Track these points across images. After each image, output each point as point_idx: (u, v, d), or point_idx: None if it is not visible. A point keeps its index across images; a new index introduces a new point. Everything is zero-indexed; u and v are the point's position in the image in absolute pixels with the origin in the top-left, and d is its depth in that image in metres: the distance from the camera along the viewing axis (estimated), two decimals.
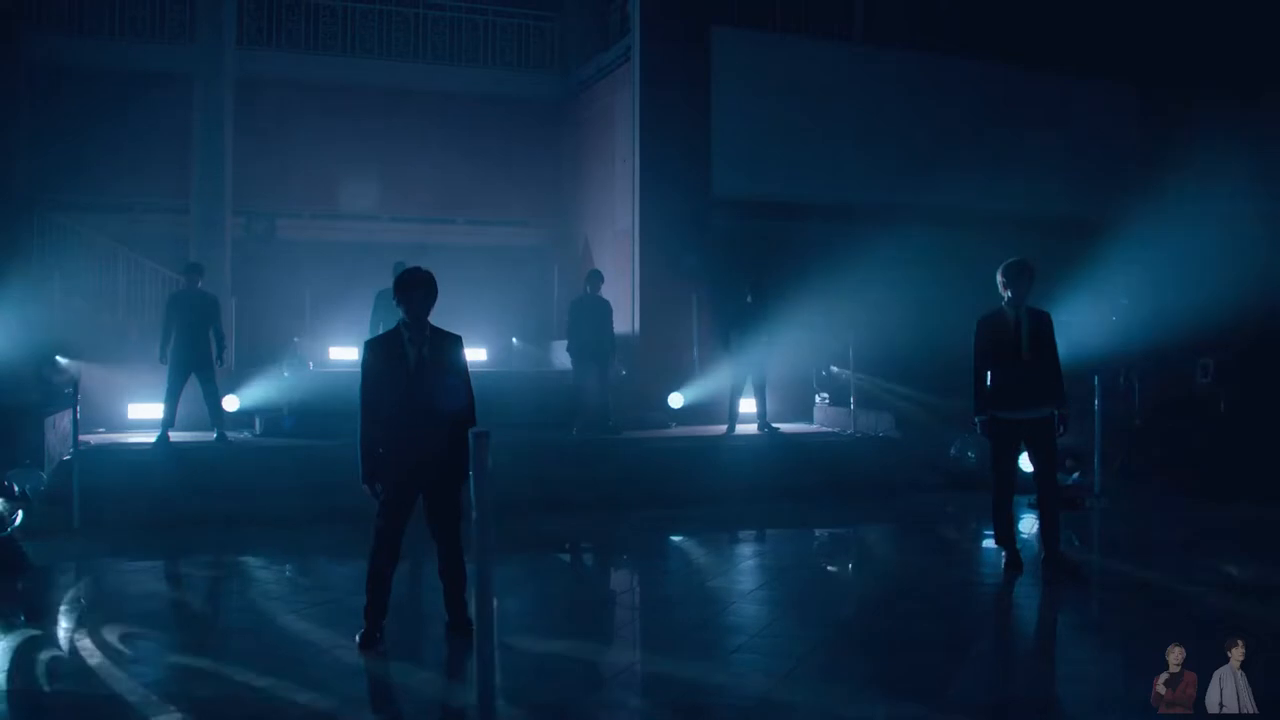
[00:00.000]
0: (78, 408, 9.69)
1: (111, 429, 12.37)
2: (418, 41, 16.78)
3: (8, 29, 14.00)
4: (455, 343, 6.09)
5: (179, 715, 4.69)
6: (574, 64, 17.27)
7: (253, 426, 12.27)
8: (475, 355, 16.30)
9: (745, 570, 8.24)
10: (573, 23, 17.31)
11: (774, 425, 13.00)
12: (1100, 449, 10.41)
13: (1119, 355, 13.11)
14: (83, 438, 11.21)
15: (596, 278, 12.84)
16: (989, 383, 7.67)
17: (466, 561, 6.07)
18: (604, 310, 12.76)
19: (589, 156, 16.73)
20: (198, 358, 11.07)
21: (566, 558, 8.96)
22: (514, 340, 16.70)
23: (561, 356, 13.50)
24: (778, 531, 9.76)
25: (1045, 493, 7.66)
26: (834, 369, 13.58)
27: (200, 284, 11.27)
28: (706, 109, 14.84)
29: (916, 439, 12.31)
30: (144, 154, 14.16)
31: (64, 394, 9.97)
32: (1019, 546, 7.72)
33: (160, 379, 11.12)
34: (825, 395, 13.69)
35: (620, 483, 10.81)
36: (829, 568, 8.69)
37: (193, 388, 11.14)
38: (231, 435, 11.48)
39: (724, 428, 12.92)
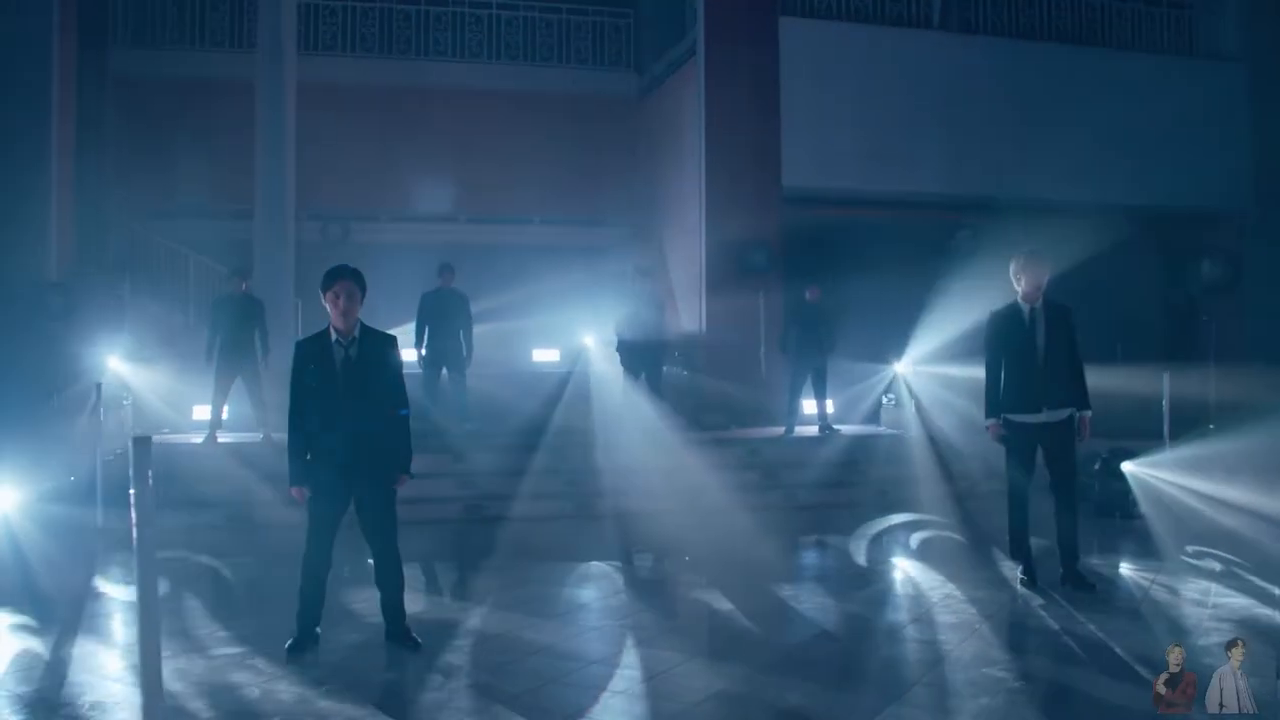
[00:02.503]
0: (97, 410, 9.83)
1: (176, 430, 12.62)
2: (491, 42, 16.77)
3: (99, 44, 14.52)
4: (386, 343, 5.91)
5: None
6: (648, 61, 17.04)
7: None
8: (548, 355, 16.23)
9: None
10: (647, 19, 17.09)
11: (835, 426, 12.53)
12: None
13: None
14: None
15: (645, 274, 12.51)
16: (1002, 382, 7.17)
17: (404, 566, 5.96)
18: (654, 306, 12.43)
19: (662, 153, 16.48)
20: (243, 360, 11.20)
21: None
22: (588, 340, 16.50)
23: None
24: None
25: (1063, 503, 7.11)
26: (900, 369, 12.98)
27: (245, 286, 11.40)
28: (775, 102, 14.47)
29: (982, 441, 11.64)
30: (213, 160, 14.48)
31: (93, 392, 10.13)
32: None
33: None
34: (891, 396, 13.11)
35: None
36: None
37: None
38: (278, 436, 11.54)
39: (782, 429, 12.51)
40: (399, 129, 16.06)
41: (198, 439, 11.24)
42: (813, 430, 12.48)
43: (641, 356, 12.16)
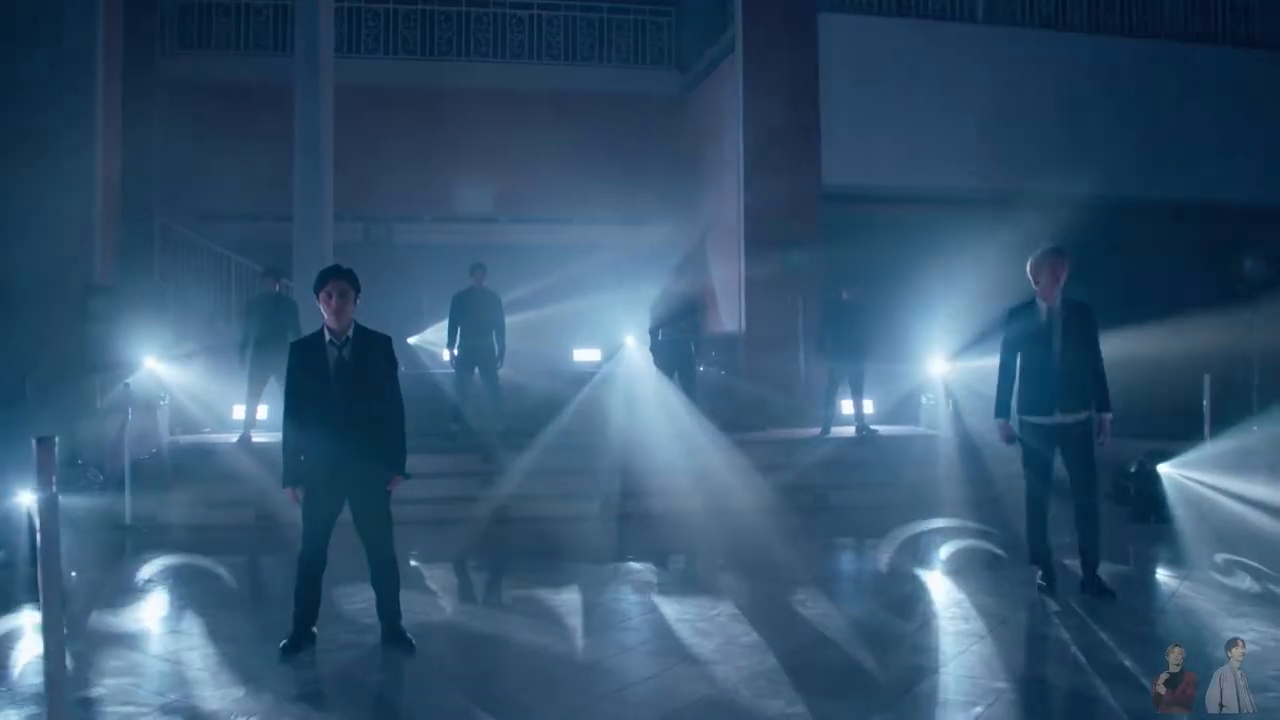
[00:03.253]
0: (125, 412, 9.98)
1: (217, 429, 12.79)
2: (532, 42, 16.79)
3: (147, 50, 14.78)
4: (380, 343, 5.90)
5: None
6: (689, 59, 16.94)
7: None
8: (588, 355, 16.21)
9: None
10: (688, 16, 16.97)
11: (872, 427, 12.35)
12: None
13: None
14: (183, 437, 11.76)
15: (678, 273, 12.47)
16: (1019, 382, 6.98)
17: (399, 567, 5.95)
18: (687, 306, 12.36)
19: (702, 151, 16.38)
20: (276, 360, 11.27)
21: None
22: (628, 340, 16.47)
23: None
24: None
25: (1084, 507, 6.90)
26: (938, 368, 12.74)
27: (279, 287, 11.52)
28: (815, 98, 14.29)
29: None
30: (256, 162, 14.60)
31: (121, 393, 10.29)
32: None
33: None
34: (930, 396, 12.88)
35: None
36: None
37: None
38: None
39: (818, 429, 12.37)
40: (441, 130, 16.12)
41: (234, 438, 11.36)
42: (850, 431, 12.31)
43: (675, 356, 12.12)
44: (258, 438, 11.38)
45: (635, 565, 8.22)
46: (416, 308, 15.34)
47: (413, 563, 8.12)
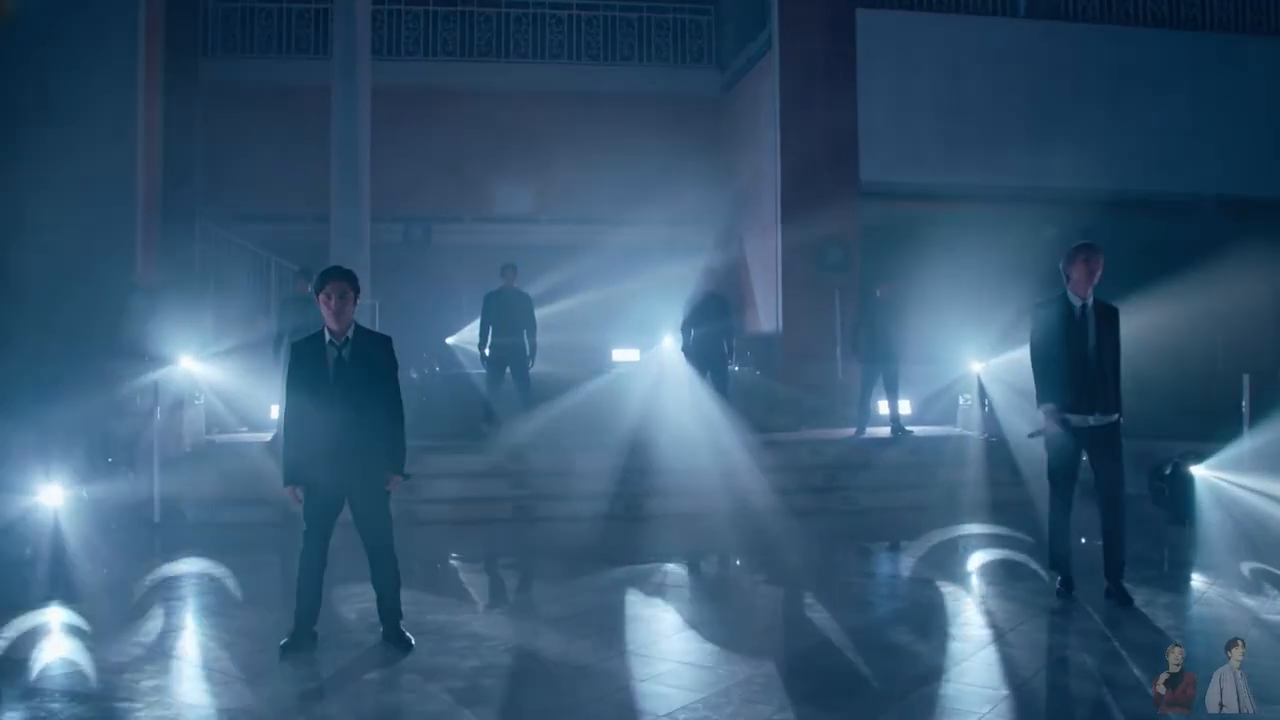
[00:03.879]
0: (154, 409, 10.11)
1: (255, 428, 12.94)
2: (571, 43, 16.79)
3: (190, 55, 15.00)
4: (380, 344, 5.89)
5: None
6: (729, 57, 16.84)
7: None
8: (628, 355, 16.16)
9: None
10: (728, 14, 16.88)
11: (907, 428, 12.19)
12: None
13: None
14: (219, 436, 11.92)
15: (711, 273, 12.44)
16: (1046, 379, 6.79)
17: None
18: (720, 306, 12.31)
19: (741, 150, 16.29)
20: None
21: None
22: (666, 340, 16.42)
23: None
24: None
25: (1110, 511, 6.69)
26: (977, 368, 12.55)
27: (310, 289, 11.59)
28: (852, 95, 14.19)
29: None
30: (296, 164, 14.75)
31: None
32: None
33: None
34: (968, 396, 12.68)
35: None
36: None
37: None
38: None
39: (852, 430, 12.24)
40: (480, 132, 16.18)
41: (269, 437, 11.48)
42: (885, 431, 12.16)
43: (707, 355, 12.09)
44: None
45: (647, 567, 8.13)
46: (455, 307, 15.40)
47: (451, 561, 8.10)
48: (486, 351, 12.06)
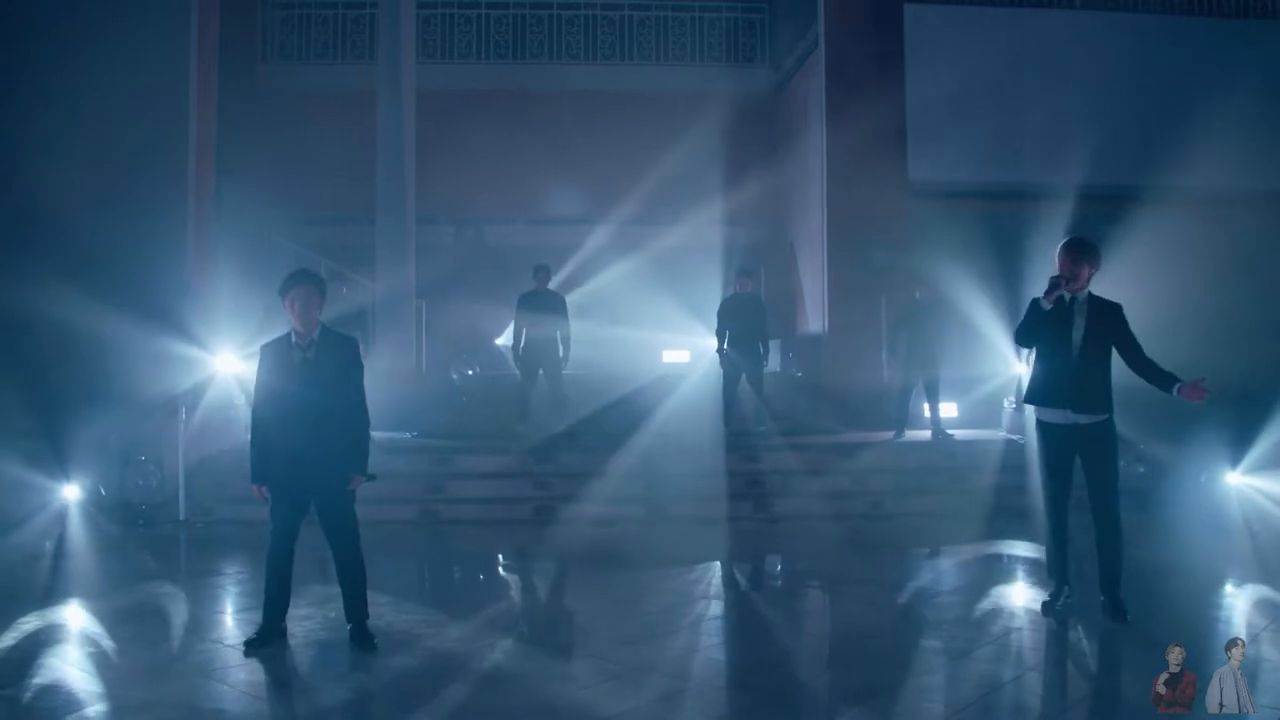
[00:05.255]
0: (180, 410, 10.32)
1: None
2: (623, 43, 16.77)
3: (247, 61, 15.35)
4: (345, 345, 5.93)
5: None
6: (782, 56, 16.65)
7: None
8: (677, 357, 16.11)
9: None
10: (781, 13, 16.68)
11: (948, 431, 11.91)
12: None
13: None
14: None
15: (746, 276, 12.32)
16: (1032, 373, 6.57)
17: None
18: (755, 308, 12.19)
19: (791, 150, 16.08)
20: None
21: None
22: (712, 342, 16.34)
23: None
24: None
25: (1102, 520, 6.40)
26: (1024, 370, 12.20)
27: (345, 291, 11.78)
28: (900, 93, 13.88)
29: None
30: (348, 167, 14.96)
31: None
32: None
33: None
34: (1011, 400, 12.33)
35: None
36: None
37: None
38: (377, 435, 11.80)
39: (891, 433, 12.01)
40: (533, 133, 16.25)
41: None
42: (925, 435, 11.90)
43: (743, 358, 11.99)
44: None
45: (652, 570, 8.05)
46: (506, 308, 15.48)
47: (449, 561, 8.12)
48: (519, 353, 12.09)
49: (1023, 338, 6.56)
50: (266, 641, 5.77)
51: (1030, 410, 6.73)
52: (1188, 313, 11.75)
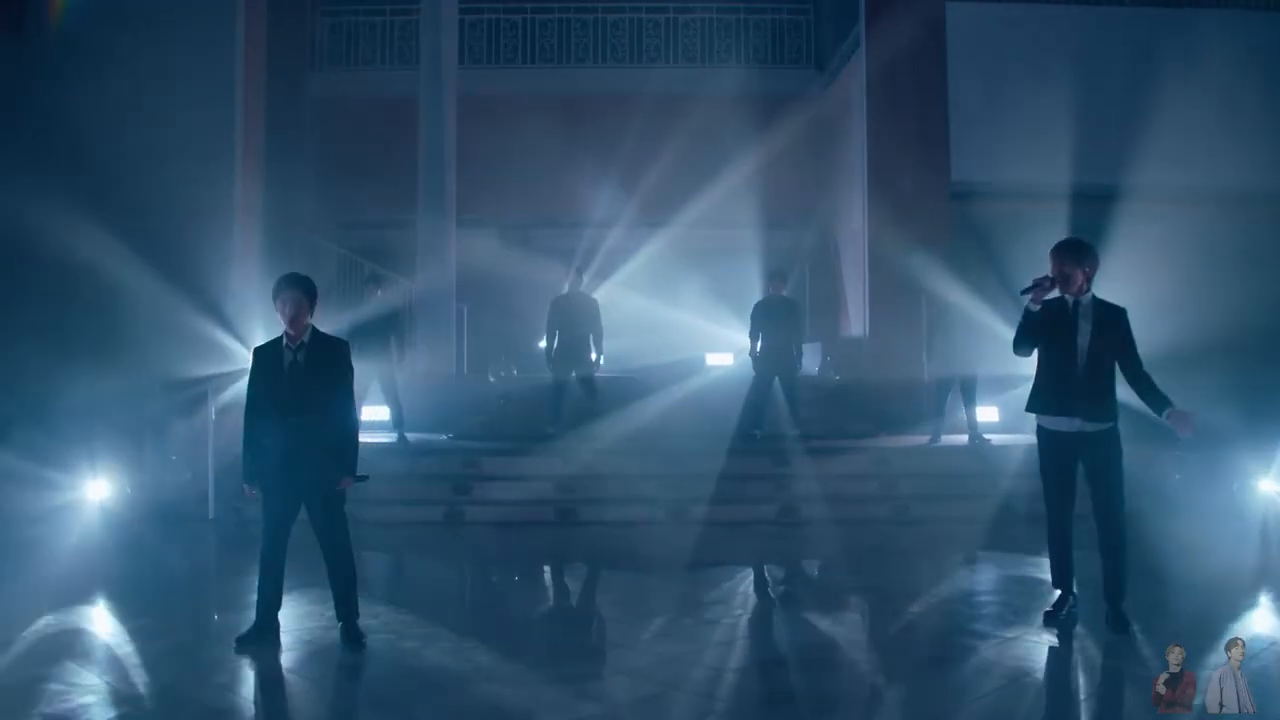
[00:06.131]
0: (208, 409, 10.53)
1: None
2: (668, 46, 16.76)
3: (297, 68, 15.63)
4: (334, 349, 6.02)
5: None
6: (827, 56, 16.51)
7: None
8: (722, 359, 16.05)
9: None
10: (827, 13, 16.55)
11: (985, 436, 11.71)
12: None
13: None
14: None
15: (778, 278, 12.24)
16: (1035, 379, 6.44)
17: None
18: (788, 311, 12.10)
19: (834, 151, 15.95)
20: (378, 363, 11.67)
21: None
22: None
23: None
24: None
25: (1105, 530, 6.24)
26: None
27: (380, 293, 11.92)
28: (942, 92, 13.69)
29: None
30: (392, 172, 15.17)
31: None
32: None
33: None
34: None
35: None
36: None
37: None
38: (412, 436, 11.95)
39: (926, 437, 11.85)
40: (577, 136, 16.25)
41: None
42: (963, 439, 11.71)
43: (775, 361, 11.92)
44: (362, 437, 11.79)
45: (658, 574, 8.04)
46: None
47: (456, 563, 8.18)
48: (552, 355, 12.15)
49: (1019, 345, 6.43)
50: (259, 638, 5.88)
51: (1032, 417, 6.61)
52: (1247, 319, 11.43)
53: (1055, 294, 6.25)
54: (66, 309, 11.70)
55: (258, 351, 6.10)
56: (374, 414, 12.03)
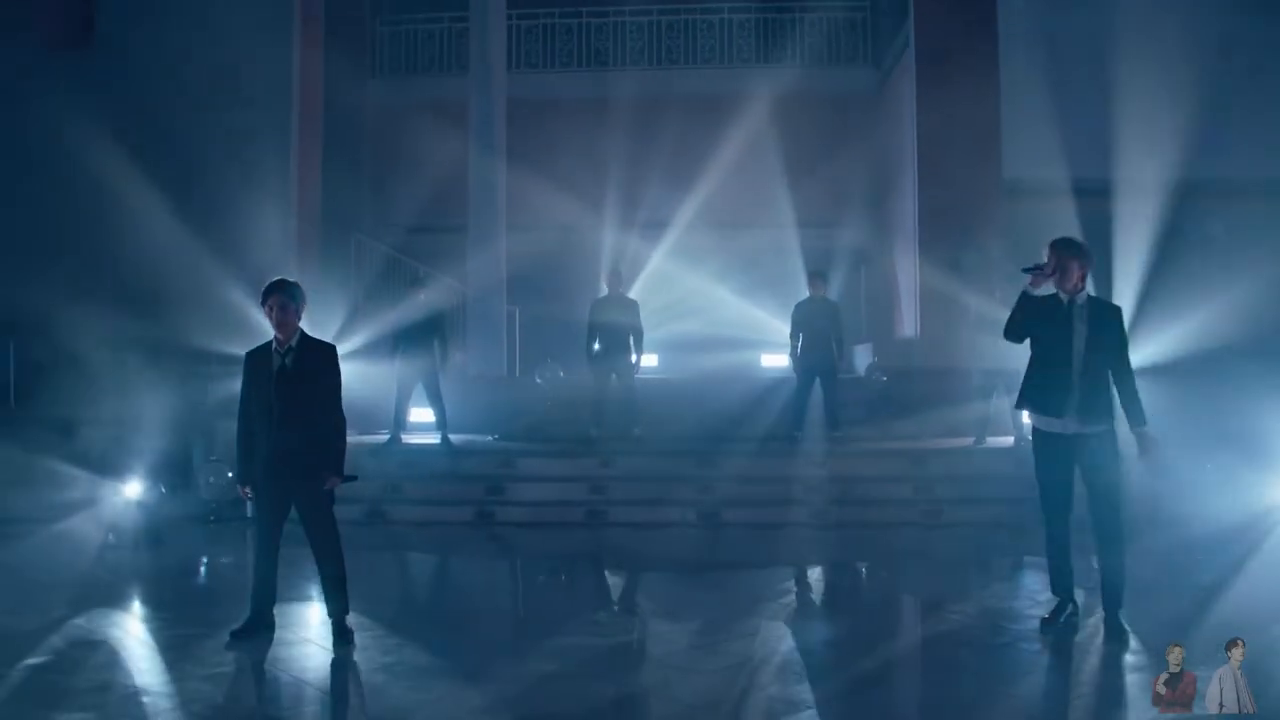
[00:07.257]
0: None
1: (369, 430, 13.44)
2: (723, 47, 16.73)
3: (357, 76, 16.00)
4: (322, 352, 6.15)
5: None
6: (883, 54, 16.31)
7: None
8: (777, 361, 15.95)
9: None
10: (884, 10, 16.34)
11: (1029, 438, 11.44)
12: None
13: None
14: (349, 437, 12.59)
15: (818, 279, 12.15)
16: (1029, 378, 6.30)
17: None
18: (828, 312, 12.00)
19: (888, 150, 15.74)
20: (422, 366, 11.84)
21: None
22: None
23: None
24: None
25: (1103, 536, 6.09)
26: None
27: (423, 296, 12.11)
28: (994, 85, 13.42)
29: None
30: (446, 176, 15.35)
31: None
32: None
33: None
34: None
35: None
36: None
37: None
38: (455, 438, 12.09)
39: (970, 439, 11.65)
40: (633, 138, 16.30)
41: (385, 438, 12.04)
42: (1009, 441, 11.49)
43: (815, 363, 11.85)
44: (407, 438, 12.01)
45: (667, 577, 8.06)
46: None
47: (471, 564, 8.29)
48: (593, 356, 12.21)
49: (1010, 331, 6.29)
50: (253, 633, 6.05)
51: (1026, 420, 6.48)
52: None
53: (1050, 290, 6.12)
54: (127, 316, 12.09)
55: (248, 356, 6.26)
56: (420, 416, 12.22)
